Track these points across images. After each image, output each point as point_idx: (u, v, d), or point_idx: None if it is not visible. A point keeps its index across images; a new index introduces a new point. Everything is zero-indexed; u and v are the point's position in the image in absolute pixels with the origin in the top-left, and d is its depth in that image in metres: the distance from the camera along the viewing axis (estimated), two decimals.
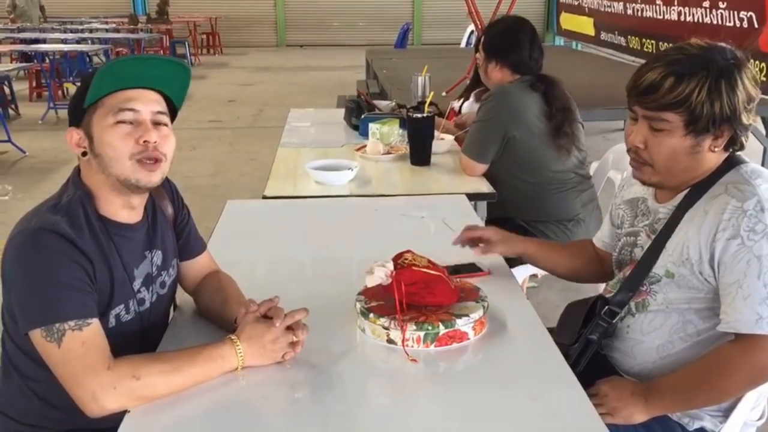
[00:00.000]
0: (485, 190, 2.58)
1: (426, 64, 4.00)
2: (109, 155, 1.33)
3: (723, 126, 1.41)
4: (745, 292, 1.36)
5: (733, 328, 1.38)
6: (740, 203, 1.38)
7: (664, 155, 1.45)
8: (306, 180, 2.60)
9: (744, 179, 1.42)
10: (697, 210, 1.45)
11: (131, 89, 1.34)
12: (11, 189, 5.36)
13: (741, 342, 1.39)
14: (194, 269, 1.62)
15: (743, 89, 1.39)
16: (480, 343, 1.45)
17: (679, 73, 1.39)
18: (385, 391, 1.35)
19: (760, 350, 1.37)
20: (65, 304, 1.23)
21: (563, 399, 1.27)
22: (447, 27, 15.58)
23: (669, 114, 1.41)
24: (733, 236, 1.37)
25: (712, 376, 1.42)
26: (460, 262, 1.79)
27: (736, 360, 1.39)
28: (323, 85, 10.51)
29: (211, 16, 16.15)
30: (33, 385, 1.40)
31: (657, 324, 1.52)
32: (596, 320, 1.58)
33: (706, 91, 1.37)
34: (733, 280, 1.38)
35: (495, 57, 2.76)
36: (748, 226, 1.36)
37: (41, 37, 10.71)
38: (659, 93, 1.40)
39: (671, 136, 1.43)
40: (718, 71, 1.38)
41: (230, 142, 7.13)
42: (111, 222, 1.39)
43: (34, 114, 8.29)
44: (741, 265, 1.37)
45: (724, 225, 1.38)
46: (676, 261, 1.46)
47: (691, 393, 1.45)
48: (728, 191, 1.41)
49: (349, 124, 3.49)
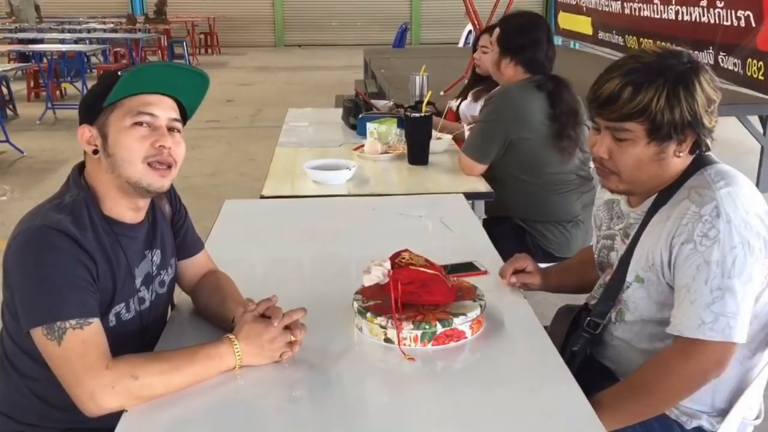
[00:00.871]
0: (483, 189, 2.58)
1: (424, 64, 3.99)
2: (123, 156, 1.34)
3: (686, 131, 1.40)
4: (692, 297, 1.36)
5: (677, 330, 1.38)
6: (698, 208, 1.38)
7: (629, 164, 1.45)
8: (304, 179, 2.60)
9: (707, 183, 1.41)
10: (662, 215, 1.45)
11: (150, 94, 1.36)
12: (9, 189, 5.36)
13: (681, 345, 1.39)
14: (192, 268, 1.62)
15: (702, 93, 1.39)
16: (477, 342, 1.45)
17: (636, 83, 1.38)
18: (383, 390, 1.36)
19: (699, 354, 1.37)
20: (67, 302, 1.23)
21: (560, 397, 1.27)
22: (445, 27, 15.60)
23: (630, 124, 1.40)
24: (686, 240, 1.37)
25: (650, 381, 1.41)
26: (458, 261, 1.79)
27: (675, 363, 1.39)
28: (321, 84, 10.51)
29: (209, 16, 16.15)
30: (32, 384, 1.40)
31: (636, 330, 1.53)
32: (579, 332, 1.58)
33: (665, 98, 1.37)
34: (683, 284, 1.38)
35: (511, 53, 2.69)
36: (702, 231, 1.36)
37: (39, 37, 10.70)
38: (618, 104, 1.39)
39: (635, 146, 1.42)
40: (676, 77, 1.38)
41: (228, 142, 7.13)
42: (114, 222, 1.39)
43: (31, 114, 8.29)
44: (691, 270, 1.37)
45: (681, 229, 1.38)
46: (644, 266, 1.47)
47: (630, 402, 1.43)
48: (690, 196, 1.41)
49: (347, 124, 3.49)
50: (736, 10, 4.97)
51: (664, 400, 1.44)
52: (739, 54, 4.86)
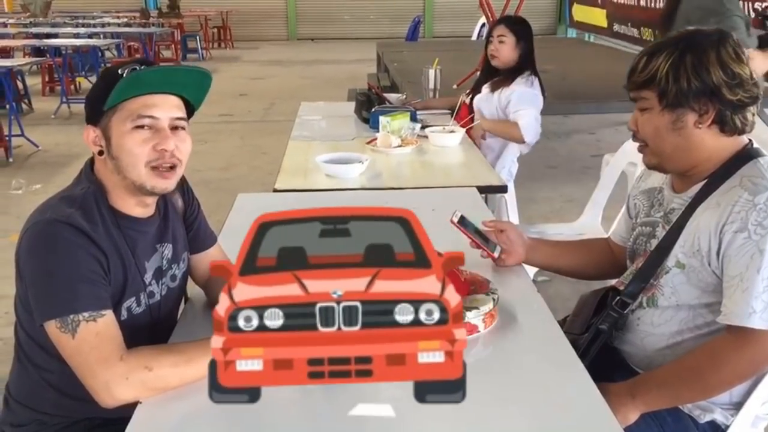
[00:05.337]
0: (496, 182, 2.57)
1: (437, 57, 3.99)
2: (126, 160, 1.34)
3: (703, 101, 1.42)
4: (744, 285, 1.36)
5: (728, 319, 1.38)
6: (752, 197, 1.37)
7: (650, 133, 1.50)
8: (317, 173, 2.60)
9: (760, 173, 1.42)
10: (711, 201, 1.45)
11: (152, 94, 1.35)
12: (25, 183, 5.40)
13: (732, 334, 1.38)
14: (205, 262, 1.62)
15: (717, 63, 1.40)
16: (490, 336, 1.45)
17: (651, 53, 1.47)
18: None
19: (751, 343, 1.36)
20: (80, 295, 1.24)
21: (573, 392, 1.27)
22: (458, 19, 15.53)
23: (645, 92, 1.48)
24: (740, 229, 1.37)
25: (701, 369, 1.41)
26: (484, 229, 1.76)
27: (726, 352, 1.39)
28: (334, 78, 10.50)
29: (222, 9, 16.17)
30: (47, 375, 1.41)
31: (667, 317, 1.52)
32: (607, 310, 1.58)
33: (670, 65, 1.42)
34: (735, 273, 1.38)
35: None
36: (756, 220, 1.36)
37: (53, 32, 10.76)
38: (635, 73, 1.49)
39: (652, 113, 1.48)
40: (686, 46, 1.43)
41: (241, 136, 7.14)
42: (124, 216, 1.40)
43: (46, 108, 8.34)
44: (744, 259, 1.36)
45: (733, 217, 1.38)
46: (688, 252, 1.46)
47: (678, 386, 1.44)
48: (742, 184, 1.41)
49: (359, 118, 3.49)
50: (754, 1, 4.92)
51: (714, 388, 1.44)
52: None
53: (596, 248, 1.87)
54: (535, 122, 3.23)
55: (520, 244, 1.76)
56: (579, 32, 10.45)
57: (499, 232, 1.75)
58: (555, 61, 6.22)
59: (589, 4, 8.98)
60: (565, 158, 6.13)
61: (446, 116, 3.56)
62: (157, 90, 1.35)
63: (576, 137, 6.83)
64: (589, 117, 7.05)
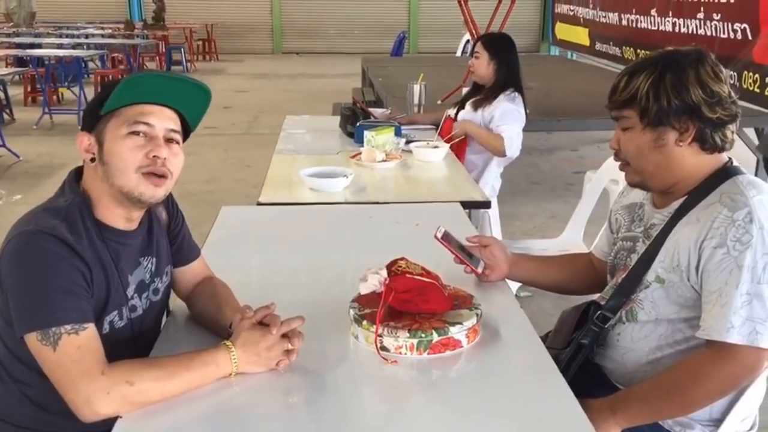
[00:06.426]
0: (479, 198, 2.58)
1: (422, 72, 4.01)
2: (116, 165, 1.34)
3: (683, 119, 1.44)
4: (723, 300, 1.37)
5: (707, 334, 1.39)
6: (731, 213, 1.39)
7: (632, 152, 1.52)
8: (301, 187, 2.61)
9: (739, 190, 1.43)
10: (691, 217, 1.47)
11: (150, 104, 1.35)
12: (5, 194, 5.35)
13: (711, 350, 1.40)
14: (188, 275, 1.62)
15: (698, 83, 1.43)
16: (473, 351, 1.45)
17: (631, 72, 1.49)
18: (379, 398, 1.35)
19: (730, 358, 1.38)
20: (62, 308, 1.23)
21: (555, 407, 1.27)
22: (443, 35, 15.64)
23: (627, 111, 1.50)
24: (719, 245, 1.38)
25: (681, 384, 1.42)
26: (467, 245, 1.78)
27: (706, 368, 1.40)
28: (319, 92, 10.52)
29: (208, 22, 16.16)
30: (26, 390, 1.39)
31: (647, 332, 1.53)
32: (588, 324, 1.59)
33: (650, 83, 1.45)
34: (714, 288, 1.39)
35: None
36: (735, 236, 1.37)
37: (37, 42, 10.70)
38: (617, 93, 1.51)
39: (633, 132, 1.50)
40: (666, 66, 1.45)
41: (225, 149, 7.12)
42: (108, 228, 1.39)
43: (28, 119, 8.27)
44: (723, 275, 1.38)
45: (712, 233, 1.40)
46: (667, 267, 1.48)
47: (659, 402, 1.45)
48: (722, 200, 1.43)
49: (344, 132, 3.50)
50: (733, 23, 5.00)
51: (694, 403, 1.45)
52: (735, 66, 4.89)
53: (578, 263, 1.88)
54: (517, 137, 3.26)
55: (504, 259, 1.77)
56: (562, 50, 10.55)
57: (482, 248, 1.76)
58: (539, 78, 6.28)
59: (571, 23, 9.08)
60: (548, 175, 6.18)
61: (431, 131, 3.59)
62: (156, 100, 1.36)
63: (559, 154, 6.90)
64: (571, 134, 7.13)
